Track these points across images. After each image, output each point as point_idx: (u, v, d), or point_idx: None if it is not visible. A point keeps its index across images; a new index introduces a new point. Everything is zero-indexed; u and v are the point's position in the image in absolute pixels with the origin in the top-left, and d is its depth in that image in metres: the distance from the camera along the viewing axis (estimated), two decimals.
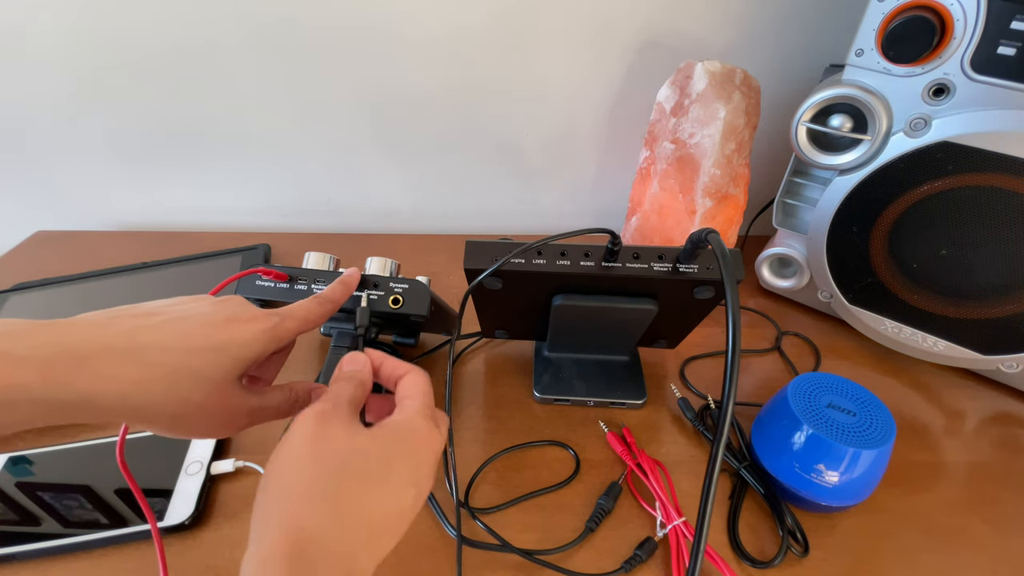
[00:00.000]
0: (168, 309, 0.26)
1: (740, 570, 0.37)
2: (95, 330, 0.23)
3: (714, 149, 0.51)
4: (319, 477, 0.23)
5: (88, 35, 0.60)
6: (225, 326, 0.26)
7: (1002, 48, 0.38)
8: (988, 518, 0.40)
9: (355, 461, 0.24)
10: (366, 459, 0.24)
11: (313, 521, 0.22)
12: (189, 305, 0.27)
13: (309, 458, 0.23)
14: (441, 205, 0.76)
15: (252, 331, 0.26)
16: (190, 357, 0.25)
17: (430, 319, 0.42)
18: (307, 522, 0.21)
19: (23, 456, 0.43)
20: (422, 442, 0.26)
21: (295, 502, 0.22)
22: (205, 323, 0.26)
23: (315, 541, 0.21)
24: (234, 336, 0.26)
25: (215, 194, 0.74)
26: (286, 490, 0.23)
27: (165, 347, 0.24)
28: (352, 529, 0.22)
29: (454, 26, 0.60)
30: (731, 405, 0.26)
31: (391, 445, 0.25)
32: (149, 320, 0.25)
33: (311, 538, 0.21)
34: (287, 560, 0.20)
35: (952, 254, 0.46)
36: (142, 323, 0.25)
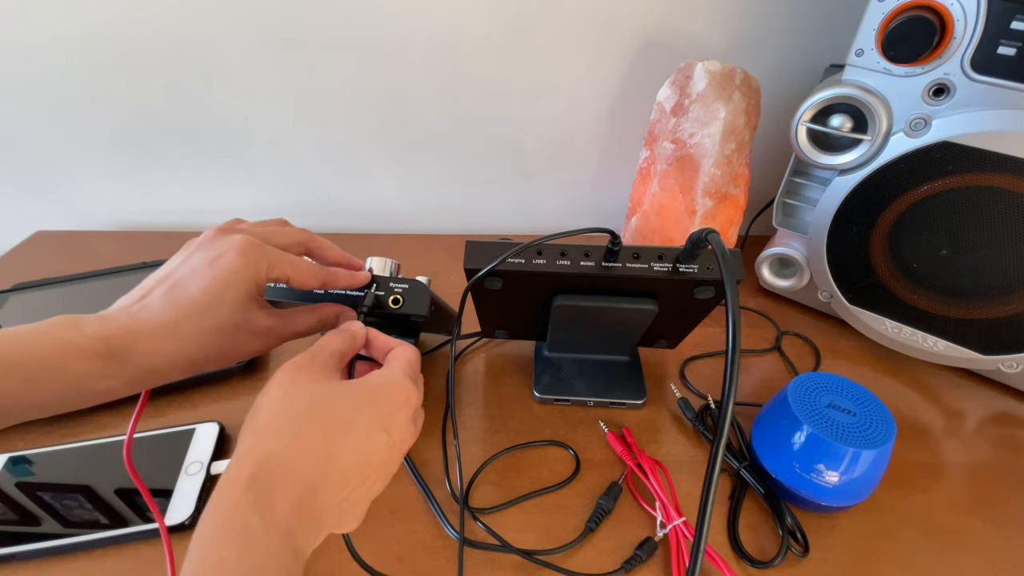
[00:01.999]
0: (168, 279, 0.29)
1: (740, 570, 0.37)
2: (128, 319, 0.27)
3: (714, 149, 0.51)
4: (285, 414, 0.25)
5: (88, 35, 0.60)
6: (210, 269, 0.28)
7: (1002, 48, 0.38)
8: (988, 518, 0.40)
9: (322, 403, 0.26)
10: (334, 402, 0.26)
11: (275, 450, 0.23)
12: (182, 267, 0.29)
13: (280, 400, 0.25)
14: (441, 205, 0.76)
15: (233, 264, 0.29)
16: (207, 315, 0.28)
17: (430, 319, 0.42)
18: (269, 450, 0.23)
19: (23, 456, 0.43)
20: (394, 392, 0.28)
21: (261, 435, 0.24)
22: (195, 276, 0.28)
23: (275, 466, 0.23)
24: (222, 276, 0.28)
25: (215, 194, 0.74)
26: (256, 427, 0.25)
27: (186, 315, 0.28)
28: (313, 460, 0.24)
29: (455, 26, 0.60)
30: (731, 405, 0.26)
31: (362, 393, 0.27)
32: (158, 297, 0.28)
33: (272, 464, 0.23)
34: (246, 481, 0.22)
35: (952, 254, 0.46)
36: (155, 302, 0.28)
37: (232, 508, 0.22)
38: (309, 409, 0.25)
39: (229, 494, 0.22)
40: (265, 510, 0.22)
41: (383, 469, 0.27)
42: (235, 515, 0.21)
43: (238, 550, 0.21)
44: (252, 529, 0.21)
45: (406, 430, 0.29)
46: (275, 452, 0.23)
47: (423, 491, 0.41)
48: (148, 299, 0.28)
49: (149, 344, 0.27)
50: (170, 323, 0.27)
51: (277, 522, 0.22)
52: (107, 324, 0.27)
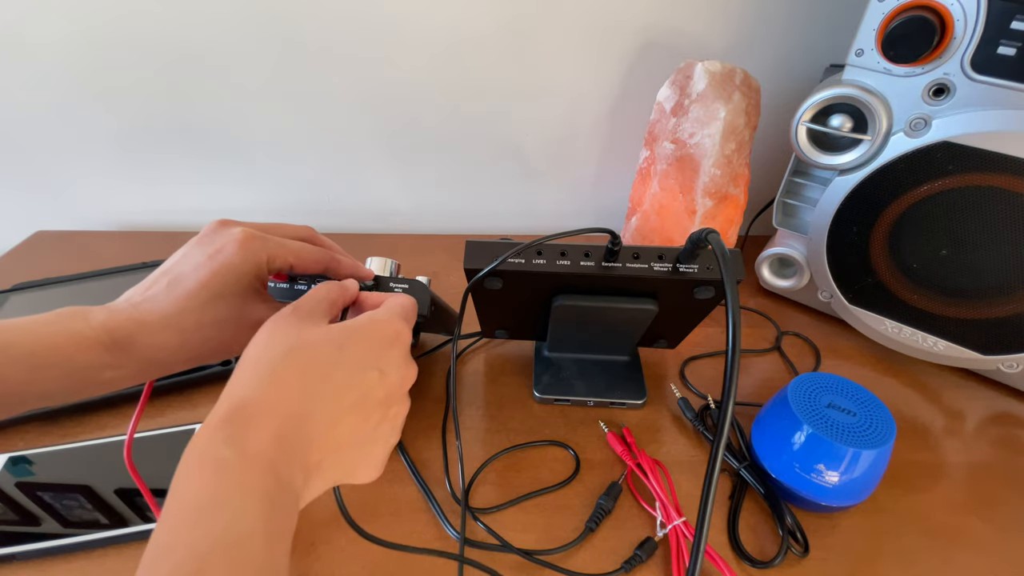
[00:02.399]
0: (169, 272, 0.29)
1: (740, 570, 0.37)
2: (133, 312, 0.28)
3: (714, 149, 0.51)
4: (265, 358, 0.25)
5: (88, 35, 0.60)
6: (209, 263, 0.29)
7: (1002, 48, 0.38)
8: (988, 518, 0.40)
9: (302, 345, 0.25)
10: (315, 343, 0.26)
11: (252, 392, 0.23)
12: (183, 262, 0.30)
13: (261, 347, 0.25)
14: (441, 205, 0.76)
15: (232, 258, 0.29)
16: (209, 309, 0.28)
17: (430, 319, 0.42)
18: (245, 393, 0.23)
19: (23, 456, 0.43)
20: (380, 328, 0.28)
21: (238, 381, 0.24)
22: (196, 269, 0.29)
23: (251, 405, 0.23)
24: (220, 270, 0.29)
25: (215, 194, 0.74)
26: (236, 376, 0.25)
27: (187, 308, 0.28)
28: (294, 398, 0.24)
29: (455, 26, 0.60)
30: (731, 405, 0.26)
31: (343, 332, 0.27)
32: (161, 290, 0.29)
33: (247, 403, 0.23)
34: (220, 421, 0.22)
35: (952, 254, 0.46)
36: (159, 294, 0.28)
37: (204, 445, 0.22)
38: (288, 351, 0.25)
39: (202, 434, 0.22)
40: (239, 443, 0.22)
41: (386, 410, 0.28)
42: (207, 450, 0.21)
43: (210, 481, 0.21)
44: (225, 461, 0.21)
45: (403, 367, 0.29)
46: (252, 394, 0.23)
47: (423, 491, 0.41)
48: (151, 292, 0.29)
49: (152, 336, 0.27)
50: (172, 315, 0.28)
51: (252, 453, 0.22)
52: (113, 316, 0.27)
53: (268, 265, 0.30)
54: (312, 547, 0.37)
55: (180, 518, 0.20)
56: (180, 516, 0.20)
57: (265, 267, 0.30)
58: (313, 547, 0.37)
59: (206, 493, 0.20)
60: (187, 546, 0.19)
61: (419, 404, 0.49)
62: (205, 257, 0.29)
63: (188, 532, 0.19)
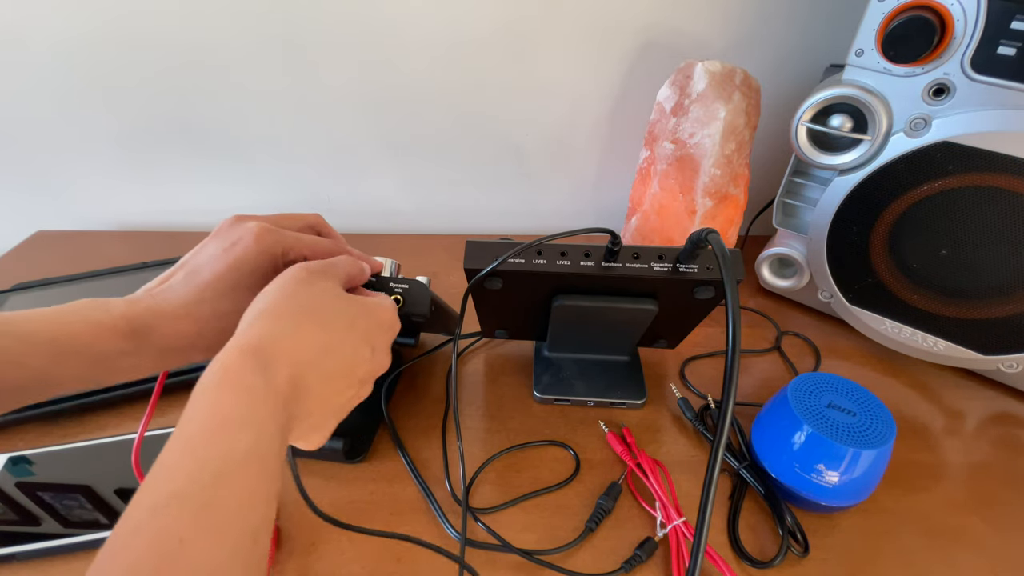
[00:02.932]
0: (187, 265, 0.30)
1: (740, 570, 0.37)
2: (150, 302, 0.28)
3: (714, 149, 0.51)
4: (288, 305, 0.27)
5: (89, 35, 0.60)
6: (226, 256, 0.29)
7: (1002, 48, 0.38)
8: (988, 518, 0.40)
9: (323, 305, 0.28)
10: (334, 307, 0.28)
11: (274, 332, 0.25)
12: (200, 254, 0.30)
13: (287, 292, 0.27)
14: (441, 205, 0.76)
15: (247, 251, 0.30)
16: (226, 300, 0.29)
17: (430, 319, 0.42)
18: (268, 331, 0.25)
19: (23, 456, 0.43)
20: (385, 314, 0.31)
21: (263, 317, 0.26)
22: (213, 262, 0.29)
23: (275, 343, 0.25)
24: (236, 263, 0.29)
25: (215, 194, 0.74)
26: (259, 309, 0.26)
27: (204, 299, 0.29)
28: (305, 348, 0.26)
29: (455, 26, 0.60)
30: (731, 405, 0.26)
31: (359, 307, 0.29)
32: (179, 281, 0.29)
33: (273, 341, 0.25)
34: (251, 349, 0.24)
35: (952, 254, 0.46)
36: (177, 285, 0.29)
37: (235, 367, 0.23)
38: (311, 307, 0.27)
39: (232, 357, 0.23)
40: (266, 373, 0.23)
41: (361, 387, 0.30)
42: (238, 373, 0.23)
43: (241, 400, 0.22)
44: (254, 387, 0.23)
45: (385, 354, 0.31)
46: (276, 333, 0.25)
47: (423, 491, 0.41)
48: (170, 282, 0.30)
49: (170, 325, 0.28)
50: (191, 304, 0.29)
51: (275, 387, 0.23)
52: (132, 306, 0.28)
53: (283, 258, 0.31)
54: (312, 547, 0.37)
55: (207, 429, 0.21)
56: (207, 428, 0.21)
57: (280, 259, 0.31)
58: (313, 547, 0.37)
59: (236, 410, 0.22)
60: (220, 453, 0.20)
61: (419, 404, 0.49)
62: (221, 250, 0.30)
63: (219, 441, 0.21)
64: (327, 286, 0.29)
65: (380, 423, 0.46)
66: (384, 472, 0.43)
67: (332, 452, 0.42)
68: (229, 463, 0.20)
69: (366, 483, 0.42)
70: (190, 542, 0.18)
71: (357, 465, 0.43)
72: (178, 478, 0.19)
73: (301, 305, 0.27)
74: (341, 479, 0.42)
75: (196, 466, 0.20)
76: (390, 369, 0.49)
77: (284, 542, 0.38)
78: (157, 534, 0.18)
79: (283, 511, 0.40)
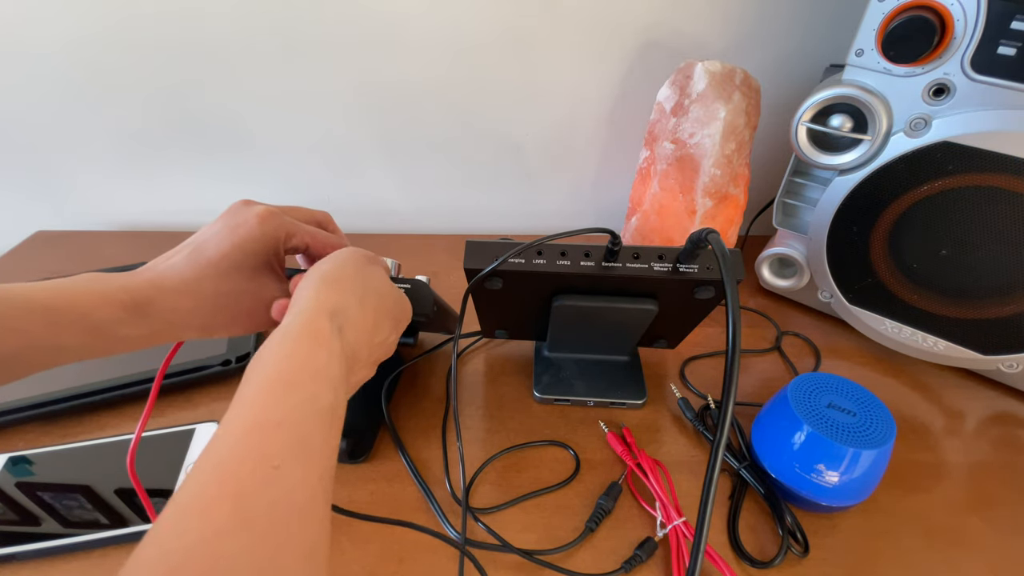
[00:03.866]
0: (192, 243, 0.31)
1: (740, 570, 0.37)
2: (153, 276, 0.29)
3: (714, 149, 0.51)
4: (355, 284, 0.29)
5: (89, 35, 0.60)
6: (230, 235, 0.30)
7: (1002, 48, 0.38)
8: (988, 518, 0.40)
9: (379, 291, 0.31)
10: (386, 295, 0.31)
11: (345, 303, 0.27)
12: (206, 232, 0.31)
13: (356, 271, 0.30)
14: (441, 205, 0.76)
15: (251, 232, 0.30)
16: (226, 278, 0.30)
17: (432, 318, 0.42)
18: (341, 301, 0.27)
19: (23, 456, 0.43)
20: (409, 307, 0.34)
21: (337, 287, 0.28)
22: (217, 241, 0.30)
23: (343, 314, 0.27)
24: (239, 243, 0.30)
25: (216, 194, 0.74)
26: (334, 281, 0.28)
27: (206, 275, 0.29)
28: (364, 325, 0.28)
29: (455, 26, 0.60)
30: (731, 405, 0.26)
31: (400, 297, 0.33)
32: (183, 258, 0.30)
33: (345, 310, 0.27)
34: (329, 313, 0.26)
35: (952, 254, 0.46)
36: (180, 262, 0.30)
37: (323, 328, 0.25)
38: (371, 287, 0.30)
39: (317, 317, 0.25)
40: (343, 338, 0.26)
41: (373, 369, 0.32)
42: (319, 330, 0.25)
43: (325, 355, 0.24)
44: (332, 343, 0.25)
45: (395, 343, 0.33)
46: (345, 305, 0.27)
47: (423, 491, 0.41)
48: (173, 260, 0.30)
49: (170, 299, 0.29)
50: (192, 280, 0.29)
51: (346, 351, 0.26)
52: (133, 278, 0.29)
53: (285, 243, 0.32)
54: None
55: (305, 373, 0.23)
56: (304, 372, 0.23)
57: (282, 244, 0.32)
58: None
59: (323, 362, 0.24)
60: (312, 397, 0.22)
61: (419, 404, 0.49)
62: (227, 230, 0.30)
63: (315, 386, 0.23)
64: (379, 271, 0.31)
65: (381, 423, 0.46)
66: (384, 472, 0.43)
67: None
68: (319, 409, 0.22)
69: (366, 483, 0.42)
70: (286, 468, 0.20)
71: (358, 465, 0.43)
72: (280, 409, 0.21)
73: (364, 284, 0.29)
74: (342, 479, 0.42)
75: (297, 401, 0.22)
76: (390, 369, 0.50)
77: None
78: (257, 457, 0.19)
79: None
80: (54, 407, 0.46)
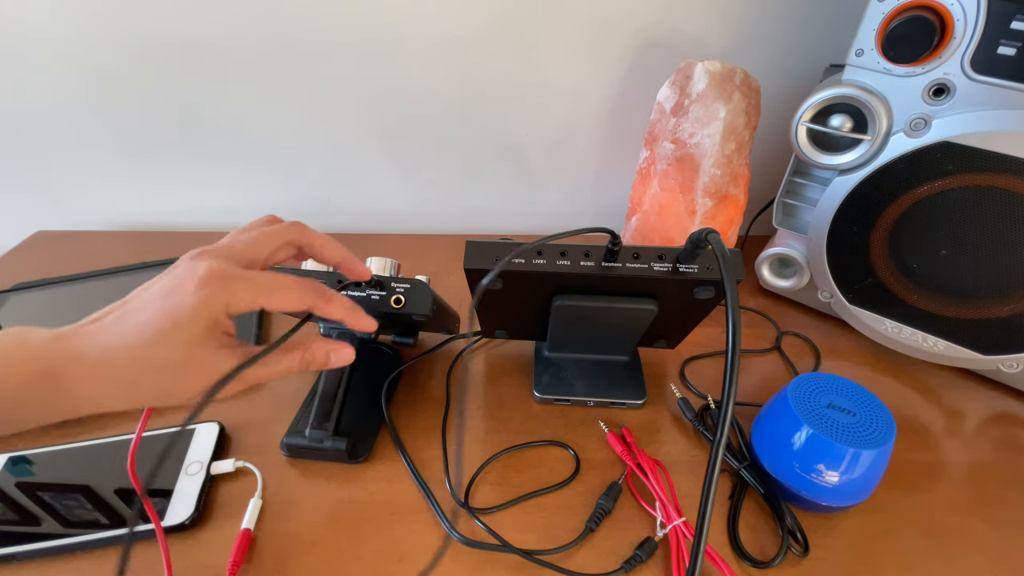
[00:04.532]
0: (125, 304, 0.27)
1: (740, 570, 0.37)
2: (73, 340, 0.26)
3: (714, 149, 0.51)
4: None
5: (88, 35, 0.60)
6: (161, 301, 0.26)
7: (1002, 48, 0.38)
8: (988, 518, 0.40)
9: None
10: None
11: None
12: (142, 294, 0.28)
13: None
14: (441, 205, 0.76)
15: (186, 300, 0.26)
16: (150, 349, 0.26)
17: (432, 318, 0.42)
18: None
19: (23, 456, 0.43)
20: None
21: None
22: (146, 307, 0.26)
23: None
24: (171, 312, 0.26)
25: (215, 193, 0.74)
26: None
27: (128, 344, 0.26)
28: None
29: (455, 26, 0.60)
30: (731, 405, 0.26)
31: None
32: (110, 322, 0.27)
33: None
34: None
35: (952, 254, 0.46)
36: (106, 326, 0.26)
37: None
38: None
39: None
40: None
41: None
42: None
43: None
44: None
45: None
46: None
47: (423, 491, 0.41)
48: (101, 322, 0.27)
49: (82, 369, 0.25)
50: (113, 349, 0.25)
51: None
52: (52, 343, 0.25)
53: (229, 309, 0.27)
54: (312, 547, 0.37)
55: None
56: None
57: (223, 313, 0.27)
58: (314, 547, 0.37)
59: None
60: None
61: (419, 404, 0.49)
62: (160, 295, 0.27)
63: None
64: None
65: (381, 423, 0.46)
66: (384, 472, 0.43)
67: (335, 452, 0.42)
68: None
69: (366, 483, 0.42)
70: None
71: (358, 465, 0.43)
72: None
73: None
74: (342, 479, 0.42)
75: None
76: (390, 369, 0.50)
77: (285, 542, 0.38)
78: None
79: (284, 512, 0.40)
80: None
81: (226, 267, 0.27)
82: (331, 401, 0.42)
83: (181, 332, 0.26)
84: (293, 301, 0.29)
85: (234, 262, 0.28)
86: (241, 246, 0.30)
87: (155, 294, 0.27)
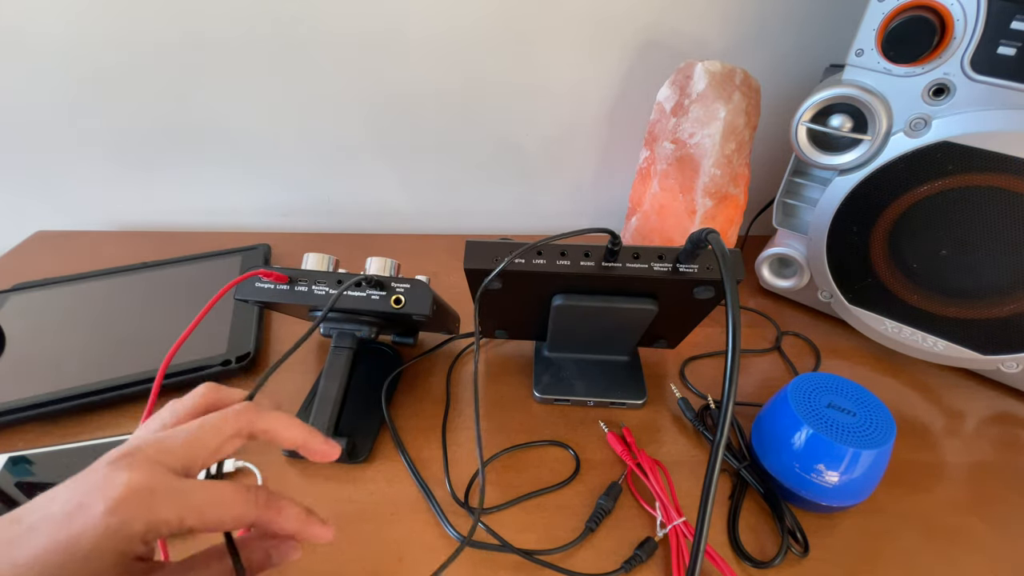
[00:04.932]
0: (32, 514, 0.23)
1: (740, 570, 0.37)
2: None
3: (714, 149, 0.51)
4: None
5: (88, 35, 0.60)
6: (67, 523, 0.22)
7: (1002, 48, 0.38)
8: (988, 518, 0.40)
9: None
10: None
11: None
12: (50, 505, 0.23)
13: None
14: (441, 205, 0.76)
15: (95, 524, 0.22)
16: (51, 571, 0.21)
17: (432, 318, 0.42)
18: None
19: (23, 456, 0.43)
20: None
21: None
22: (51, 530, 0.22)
23: None
24: (76, 536, 0.22)
25: (215, 194, 0.74)
26: None
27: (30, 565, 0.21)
28: None
29: (455, 26, 0.60)
30: (731, 405, 0.26)
31: None
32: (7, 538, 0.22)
33: None
34: None
35: (952, 254, 0.46)
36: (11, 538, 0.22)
37: None
38: None
39: None
40: None
41: None
42: None
43: None
44: None
45: None
46: None
47: (423, 491, 0.41)
48: (8, 534, 0.22)
49: None
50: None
51: None
52: None
53: (146, 537, 0.22)
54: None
55: None
56: None
57: (138, 541, 0.22)
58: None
59: None
60: None
61: (419, 404, 0.49)
62: (65, 513, 0.22)
63: None
64: None
65: (382, 423, 0.46)
66: (384, 472, 0.43)
67: None
68: None
69: (366, 483, 0.42)
70: None
71: (357, 465, 0.43)
72: None
73: None
74: (342, 479, 0.42)
75: None
76: (390, 369, 0.50)
77: None
78: None
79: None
80: (54, 407, 0.46)
81: (151, 480, 0.23)
82: (331, 401, 0.43)
83: (89, 565, 0.21)
84: (232, 520, 0.24)
85: (167, 466, 0.24)
86: (178, 443, 0.24)
87: (57, 513, 0.22)
